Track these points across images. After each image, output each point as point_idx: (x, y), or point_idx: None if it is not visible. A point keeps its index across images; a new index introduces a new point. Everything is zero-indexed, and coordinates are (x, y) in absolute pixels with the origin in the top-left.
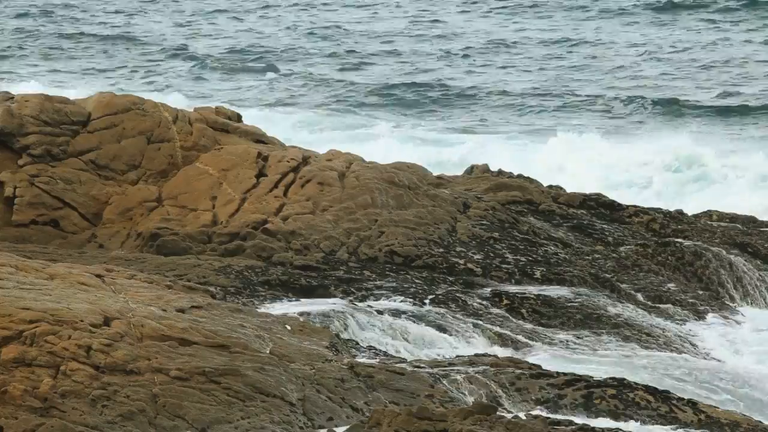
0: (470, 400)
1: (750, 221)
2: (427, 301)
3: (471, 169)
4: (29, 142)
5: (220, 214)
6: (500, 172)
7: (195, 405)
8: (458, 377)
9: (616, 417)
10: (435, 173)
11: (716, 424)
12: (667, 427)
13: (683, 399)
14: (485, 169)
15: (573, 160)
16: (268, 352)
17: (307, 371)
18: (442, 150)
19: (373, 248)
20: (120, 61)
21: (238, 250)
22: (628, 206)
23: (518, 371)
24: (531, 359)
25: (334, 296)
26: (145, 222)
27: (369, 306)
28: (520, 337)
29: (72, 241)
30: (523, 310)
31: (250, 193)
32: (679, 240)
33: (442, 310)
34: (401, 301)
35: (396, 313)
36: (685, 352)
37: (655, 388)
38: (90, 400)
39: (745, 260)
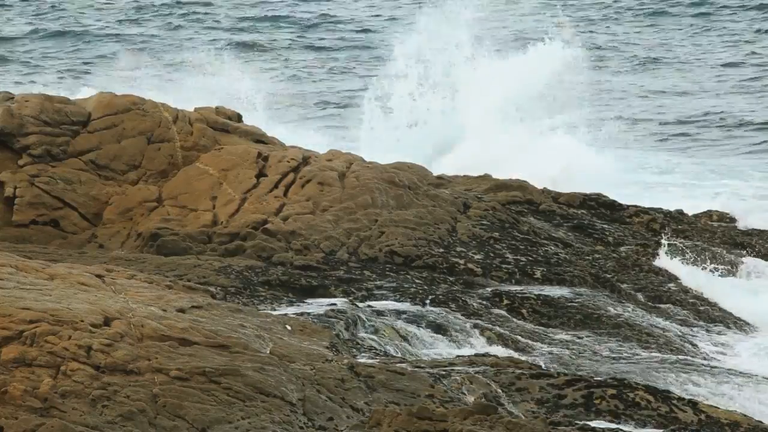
0: (470, 400)
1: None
2: (427, 301)
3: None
4: (29, 142)
5: (220, 214)
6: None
7: (195, 405)
8: (458, 377)
9: (616, 417)
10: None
11: (716, 424)
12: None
13: (683, 399)
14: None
15: None
16: (268, 352)
17: (307, 371)
18: None
19: (373, 248)
20: None
21: (238, 250)
22: (628, 206)
23: (518, 371)
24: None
25: (335, 296)
26: (145, 222)
27: (369, 306)
28: (520, 337)
29: (72, 241)
30: (524, 310)
31: (250, 193)
32: (680, 240)
33: (443, 310)
34: (401, 301)
35: (396, 313)
36: (684, 353)
37: (656, 388)
38: (90, 400)
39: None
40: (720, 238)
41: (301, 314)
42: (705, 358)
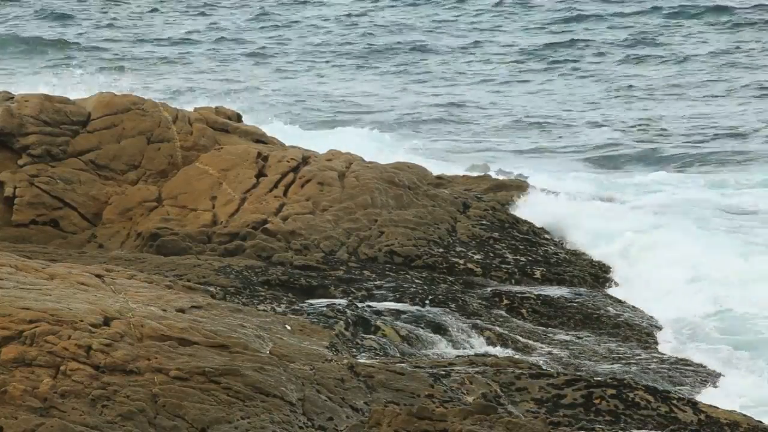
0: (470, 400)
1: None
2: (427, 301)
3: (471, 169)
4: (29, 142)
5: (220, 214)
6: (500, 172)
7: (195, 405)
8: (458, 377)
9: (616, 417)
10: None
11: (716, 424)
12: None
13: (683, 399)
14: (485, 168)
15: None
16: (267, 352)
17: (307, 371)
18: None
19: (373, 248)
20: None
21: (238, 250)
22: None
23: (518, 371)
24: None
25: (334, 296)
26: (145, 222)
27: (369, 306)
28: (519, 337)
29: (72, 241)
30: (523, 310)
31: (250, 193)
32: None
33: (442, 310)
34: (401, 301)
35: (396, 313)
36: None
37: (655, 388)
38: (90, 400)
39: None
40: None
41: (301, 314)
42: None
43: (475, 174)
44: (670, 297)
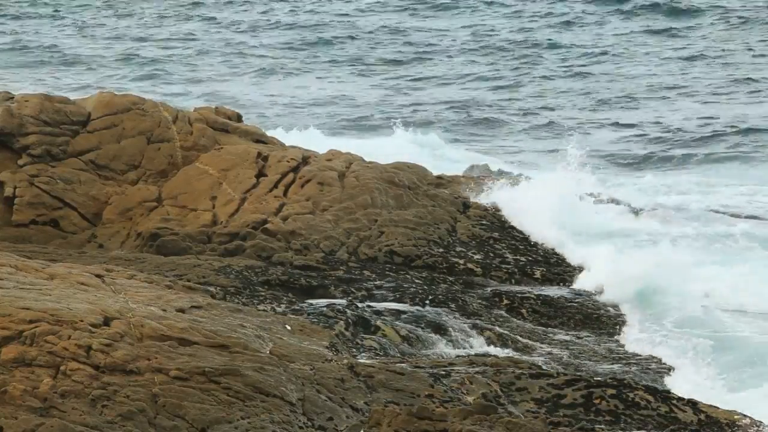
0: (470, 400)
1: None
2: (427, 301)
3: (471, 169)
4: (29, 142)
5: (220, 214)
6: (500, 172)
7: (195, 405)
8: (458, 377)
9: (616, 417)
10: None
11: (716, 424)
12: None
13: (683, 399)
14: (485, 168)
15: None
16: (267, 352)
17: (307, 371)
18: None
19: (373, 248)
20: None
21: (238, 250)
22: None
23: (518, 371)
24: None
25: (334, 296)
26: (145, 222)
27: (369, 306)
28: (519, 337)
29: (72, 241)
30: (523, 310)
31: (250, 193)
32: None
33: (442, 310)
34: (401, 301)
35: (396, 313)
36: None
37: (655, 388)
38: (90, 400)
39: None
40: None
41: (301, 314)
42: None
43: (475, 174)
44: (632, 293)
